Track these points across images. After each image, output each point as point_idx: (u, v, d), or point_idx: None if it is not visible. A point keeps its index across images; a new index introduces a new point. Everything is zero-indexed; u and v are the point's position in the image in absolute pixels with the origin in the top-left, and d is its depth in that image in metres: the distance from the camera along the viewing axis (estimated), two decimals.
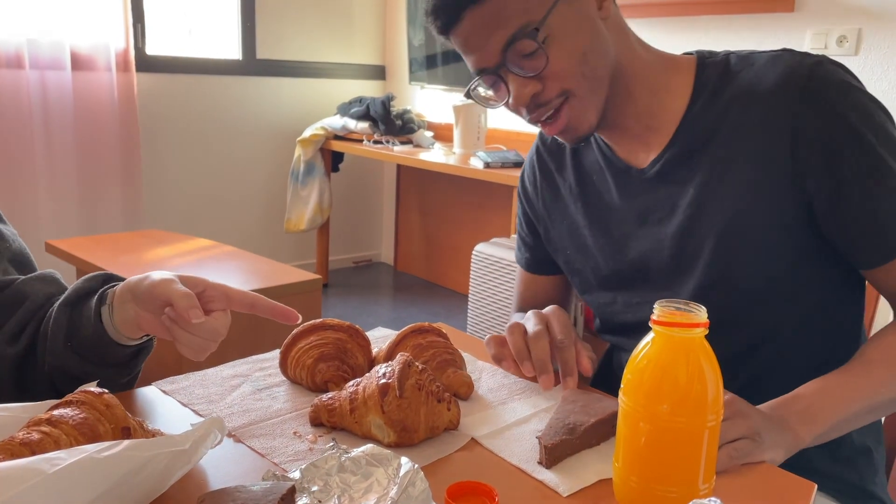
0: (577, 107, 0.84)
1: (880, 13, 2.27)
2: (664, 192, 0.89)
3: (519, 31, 0.79)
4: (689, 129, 0.87)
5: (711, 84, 0.86)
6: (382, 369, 0.74)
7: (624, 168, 0.92)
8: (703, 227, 0.85)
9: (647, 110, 0.88)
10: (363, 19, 3.99)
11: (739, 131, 0.83)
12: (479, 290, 2.68)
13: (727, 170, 0.84)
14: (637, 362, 0.63)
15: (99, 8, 3.04)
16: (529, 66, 0.81)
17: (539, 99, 0.83)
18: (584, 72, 0.82)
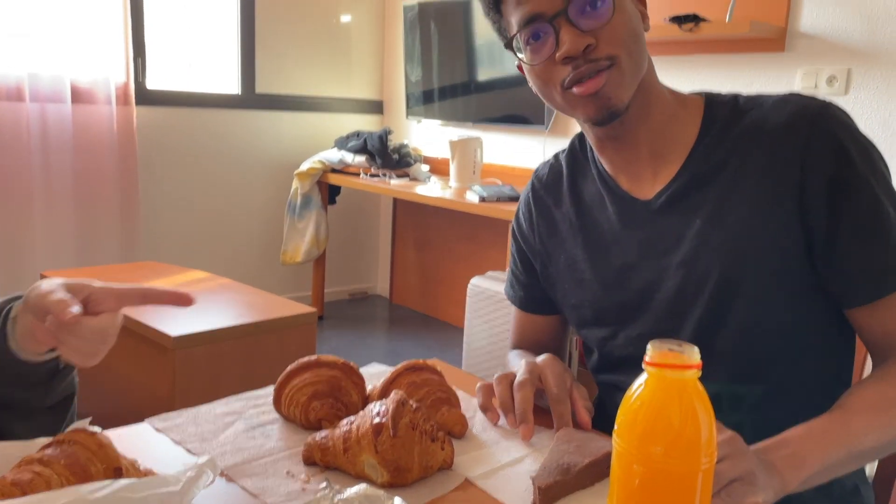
0: (618, 77, 0.83)
1: (869, 54, 2.32)
2: (670, 223, 0.90)
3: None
4: (698, 161, 0.88)
5: (721, 120, 0.89)
6: (376, 408, 0.74)
7: (628, 199, 0.93)
8: (709, 258, 0.86)
9: (659, 133, 0.90)
10: (361, 55, 4.04)
11: (747, 165, 0.85)
12: (474, 323, 2.68)
13: (734, 202, 0.85)
14: (630, 403, 0.63)
15: (100, 43, 3.08)
16: (590, 20, 0.81)
17: (590, 55, 0.82)
18: (632, 49, 0.83)
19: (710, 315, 0.87)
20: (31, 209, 3.02)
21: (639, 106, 0.87)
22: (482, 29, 3.42)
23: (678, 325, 0.89)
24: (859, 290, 0.83)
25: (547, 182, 1.04)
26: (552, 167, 1.05)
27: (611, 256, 0.95)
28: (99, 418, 2.23)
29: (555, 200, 1.02)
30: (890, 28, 2.27)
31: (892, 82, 2.28)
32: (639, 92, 0.86)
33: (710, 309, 0.87)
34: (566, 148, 1.05)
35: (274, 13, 3.65)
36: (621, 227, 0.94)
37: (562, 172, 1.03)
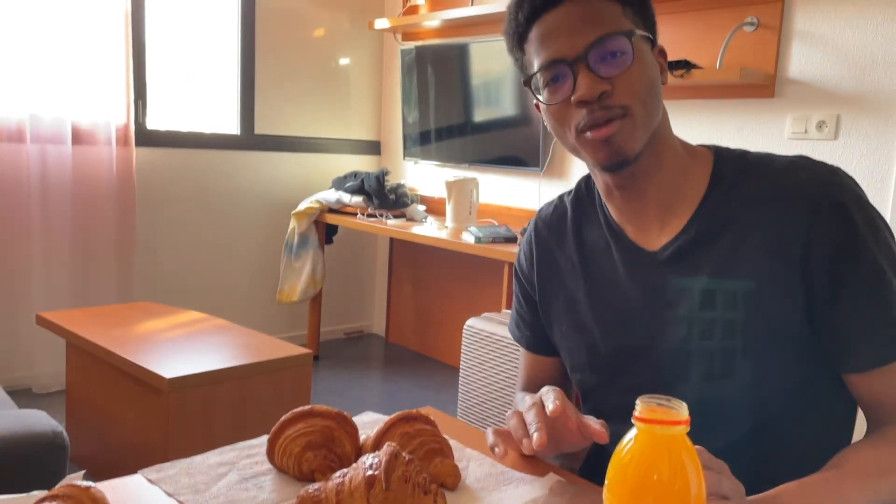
0: (630, 127, 0.85)
1: (858, 99, 2.36)
2: (675, 277, 0.90)
3: (616, 31, 0.83)
4: (705, 217, 0.89)
5: (730, 176, 0.90)
6: (369, 460, 0.74)
7: (634, 248, 0.94)
8: (713, 314, 0.87)
9: (668, 186, 0.91)
10: (359, 97, 4.10)
11: (755, 226, 0.86)
12: (470, 364, 2.67)
13: (740, 261, 0.86)
14: (620, 458, 0.63)
15: (102, 84, 3.12)
16: (608, 67, 0.84)
17: (605, 101, 0.84)
18: (646, 101, 0.85)
19: (709, 371, 0.88)
20: (29, 250, 3.03)
21: (650, 157, 0.89)
22: (478, 71, 3.48)
23: (676, 380, 0.90)
24: (857, 357, 0.84)
25: (550, 223, 1.05)
26: (556, 208, 1.06)
27: (612, 303, 0.95)
28: (92, 459, 2.22)
29: (558, 242, 1.03)
30: (877, 75, 2.31)
31: (881, 128, 2.32)
32: (651, 143, 0.88)
33: (711, 365, 0.87)
34: (571, 190, 1.06)
35: (274, 55, 3.72)
36: (626, 276, 0.94)
37: (566, 214, 1.03)
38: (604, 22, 0.84)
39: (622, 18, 0.85)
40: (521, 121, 3.30)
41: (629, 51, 0.83)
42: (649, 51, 0.87)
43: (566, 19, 0.84)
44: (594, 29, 0.83)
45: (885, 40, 2.28)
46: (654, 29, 0.90)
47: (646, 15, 0.88)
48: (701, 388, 0.88)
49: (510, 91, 3.34)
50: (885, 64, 2.30)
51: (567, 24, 0.84)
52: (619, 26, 0.84)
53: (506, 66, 3.32)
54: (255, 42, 3.64)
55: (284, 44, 3.75)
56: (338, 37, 3.96)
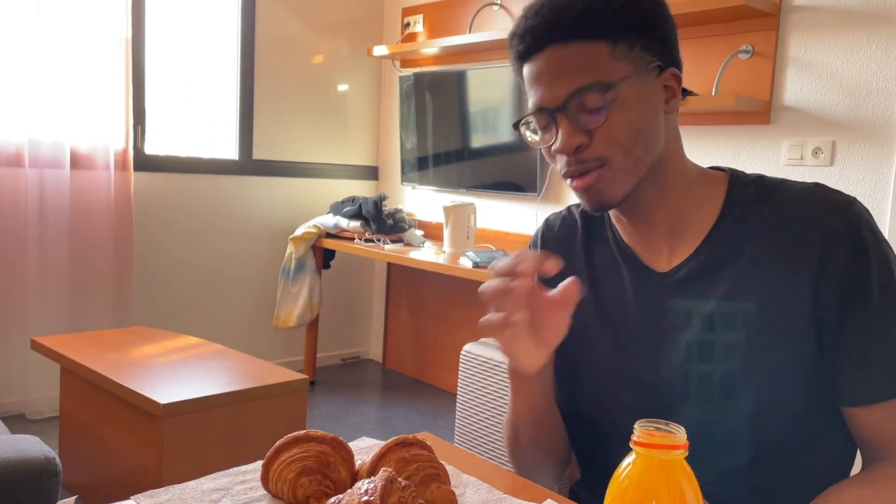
0: (609, 177, 0.85)
1: (853, 126, 2.38)
2: (683, 300, 0.90)
3: (591, 85, 0.82)
4: (716, 241, 0.89)
5: (744, 202, 0.89)
6: (364, 486, 0.73)
7: (643, 269, 0.94)
8: (719, 339, 0.87)
9: (676, 212, 0.91)
10: (358, 122, 4.13)
11: (766, 252, 0.86)
12: (467, 390, 2.66)
13: (749, 286, 0.86)
14: (619, 483, 0.63)
15: (101, 110, 3.14)
16: (587, 119, 0.84)
17: (581, 154, 0.85)
18: (630, 147, 0.85)
19: (710, 396, 0.87)
20: (25, 274, 3.03)
21: (652, 185, 0.89)
22: (476, 98, 3.51)
23: (676, 403, 0.89)
24: (858, 390, 0.83)
25: (558, 234, 1.04)
26: (565, 219, 1.05)
27: (620, 322, 0.95)
28: (85, 486, 2.20)
29: (566, 253, 1.01)
30: (872, 102, 2.33)
31: (877, 154, 2.34)
32: (655, 173, 0.88)
33: (712, 390, 0.87)
34: (579, 203, 1.05)
35: (273, 81, 3.74)
36: (634, 296, 0.94)
37: (576, 227, 1.03)
38: (584, 70, 0.83)
39: (608, 62, 0.83)
40: (518, 147, 3.32)
41: (604, 104, 0.82)
42: (640, 86, 0.85)
43: (550, 64, 0.85)
44: (574, 78, 0.83)
45: (880, 67, 2.31)
46: (667, 51, 0.88)
47: (650, 41, 0.86)
48: (702, 412, 0.87)
49: (507, 117, 3.36)
50: (879, 91, 2.32)
51: (550, 70, 0.85)
52: (600, 75, 0.82)
53: (503, 92, 3.35)
54: (254, 68, 3.67)
55: (283, 70, 3.78)
56: (337, 63, 3.99)
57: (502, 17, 3.46)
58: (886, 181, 2.33)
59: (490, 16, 3.51)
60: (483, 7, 3.50)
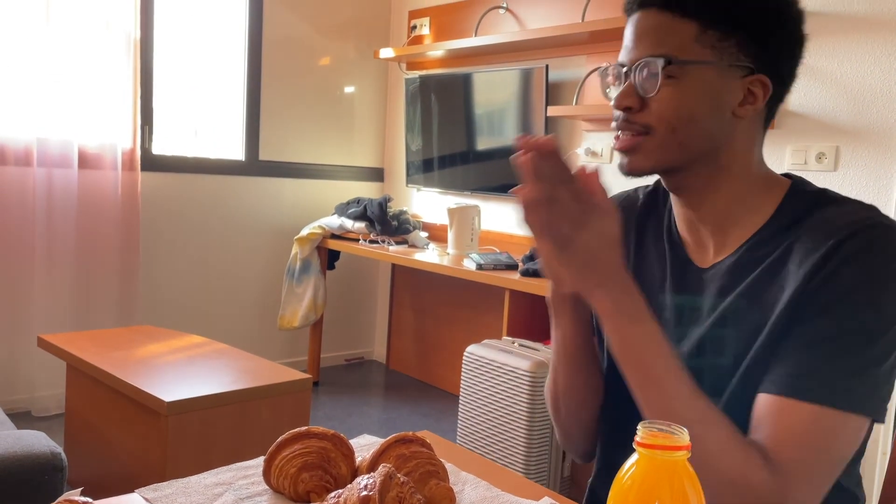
0: (648, 147, 0.87)
1: (857, 132, 2.38)
2: (710, 296, 0.91)
3: (658, 55, 0.84)
4: (756, 245, 0.89)
5: (794, 211, 0.88)
6: (364, 481, 0.75)
7: (686, 261, 0.95)
8: (725, 335, 0.87)
9: (724, 211, 0.91)
10: (363, 124, 4.15)
11: (791, 254, 0.84)
12: (469, 391, 2.67)
13: (768, 288, 0.85)
14: (622, 484, 0.63)
15: (109, 109, 3.16)
16: (643, 84, 0.86)
17: (629, 116, 0.87)
18: (676, 128, 0.85)
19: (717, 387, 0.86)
20: (32, 272, 3.05)
21: (704, 179, 0.89)
22: (481, 100, 3.52)
23: None
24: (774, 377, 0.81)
25: (622, 211, 1.03)
26: (628, 197, 1.06)
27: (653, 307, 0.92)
28: (90, 483, 2.21)
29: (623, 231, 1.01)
30: (876, 107, 2.34)
31: (880, 159, 2.34)
32: (708, 168, 0.88)
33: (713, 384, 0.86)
34: (649, 186, 1.06)
35: (280, 83, 3.77)
36: (670, 284, 0.95)
37: (636, 205, 1.04)
38: (663, 42, 0.85)
39: (689, 42, 0.84)
40: None
41: (659, 77, 0.84)
42: (713, 78, 0.85)
43: (640, 26, 0.88)
44: (651, 46, 0.85)
45: (884, 73, 2.31)
46: (768, 58, 0.86)
47: (749, 41, 0.84)
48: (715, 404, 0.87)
49: (513, 120, 3.37)
50: (883, 96, 2.32)
51: (637, 31, 0.88)
52: (673, 51, 0.84)
53: (508, 95, 3.36)
54: (261, 69, 3.70)
55: (290, 71, 3.80)
56: (343, 65, 4.01)
57: (508, 20, 3.47)
58: (890, 186, 2.33)
59: (496, 19, 3.52)
60: (489, 10, 3.52)
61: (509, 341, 2.68)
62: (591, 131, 3.17)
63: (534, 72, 3.20)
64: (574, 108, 3.09)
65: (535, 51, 3.33)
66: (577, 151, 3.20)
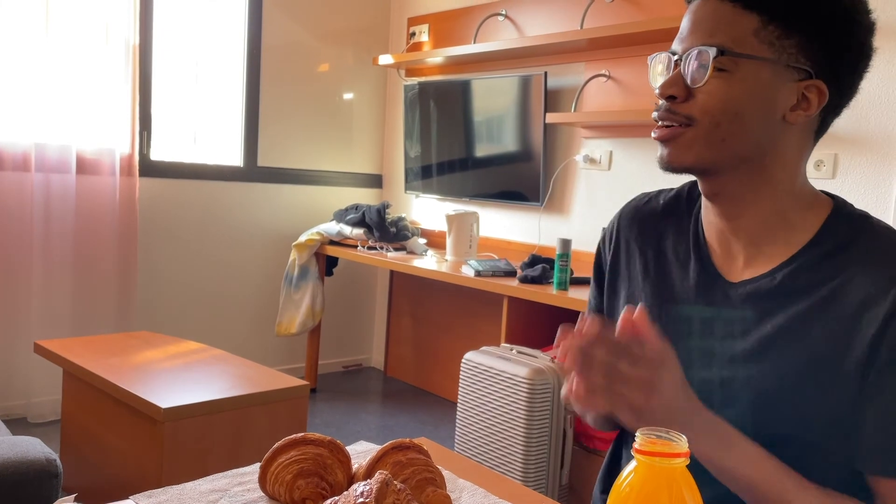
0: (688, 140, 0.83)
1: (855, 140, 2.39)
2: (743, 315, 0.86)
3: (710, 45, 0.81)
4: (797, 268, 0.84)
5: (839, 236, 0.84)
6: (360, 488, 0.74)
7: (714, 272, 0.90)
8: (761, 369, 0.83)
9: (764, 224, 0.86)
10: (362, 131, 4.15)
11: (841, 298, 0.80)
12: (467, 398, 2.66)
13: (813, 328, 0.81)
14: (621, 490, 0.63)
15: (107, 115, 3.16)
16: (692, 73, 0.82)
17: (672, 106, 0.84)
18: (720, 122, 0.81)
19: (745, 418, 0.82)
20: (29, 278, 3.04)
21: (745, 185, 0.85)
22: (480, 107, 3.53)
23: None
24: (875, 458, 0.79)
25: (637, 213, 1.02)
26: (650, 201, 1.02)
27: (672, 316, 0.92)
28: (85, 489, 2.20)
29: (638, 233, 1.00)
30: (875, 115, 2.34)
31: (878, 167, 2.34)
32: (750, 172, 0.84)
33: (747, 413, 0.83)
34: (671, 190, 1.02)
35: (278, 89, 3.77)
36: (695, 295, 0.91)
37: (656, 212, 1.00)
38: (720, 32, 0.81)
39: (747, 36, 0.80)
40: (521, 156, 3.33)
41: (711, 66, 0.80)
42: (767, 77, 0.80)
43: (699, 14, 0.84)
44: (706, 35, 0.82)
45: (882, 81, 2.32)
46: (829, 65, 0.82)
47: (811, 44, 0.80)
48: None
49: (511, 127, 3.38)
50: (882, 104, 2.33)
51: (696, 18, 0.84)
52: (729, 42, 0.80)
53: (507, 102, 3.36)
54: (260, 75, 3.70)
55: (289, 78, 3.81)
56: (342, 72, 4.02)
57: (507, 27, 3.48)
58: (888, 194, 2.33)
59: (495, 26, 3.53)
60: (488, 17, 3.53)
61: (507, 348, 2.67)
62: (589, 138, 3.17)
63: (532, 79, 3.20)
64: (573, 115, 3.10)
65: (534, 58, 3.33)
66: (575, 159, 3.20)
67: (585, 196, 3.19)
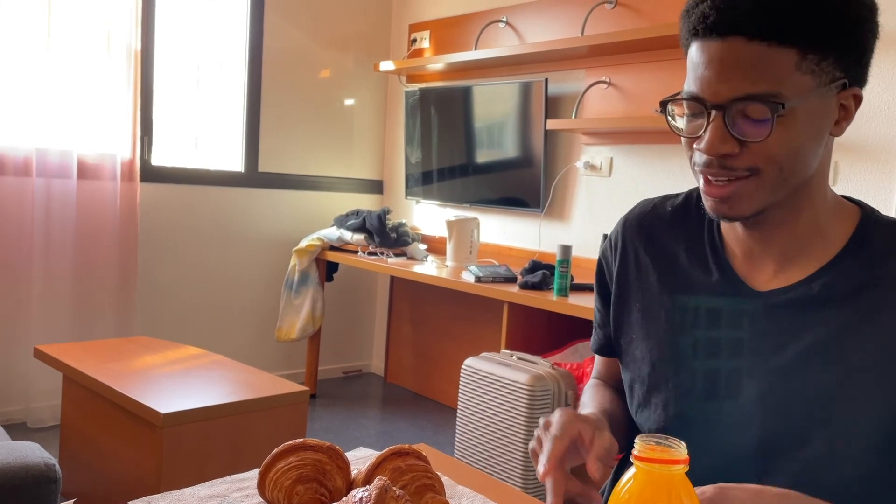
0: (753, 188, 0.78)
1: (855, 146, 2.39)
2: (776, 326, 0.83)
3: (763, 95, 0.73)
4: (834, 276, 0.82)
5: (874, 244, 0.82)
6: (359, 494, 0.74)
7: (738, 282, 0.87)
8: (801, 384, 0.80)
9: (799, 240, 0.84)
10: (363, 137, 4.15)
11: (885, 308, 0.78)
12: (467, 404, 2.65)
13: (857, 340, 0.79)
14: (620, 497, 0.63)
15: (109, 120, 3.17)
16: (746, 129, 0.75)
17: (727, 162, 0.77)
18: (783, 165, 0.77)
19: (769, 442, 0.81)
20: (29, 283, 3.04)
21: (783, 212, 0.82)
22: (481, 113, 3.53)
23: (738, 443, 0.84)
24: None
25: (643, 220, 0.98)
26: (655, 208, 0.98)
27: (697, 329, 0.88)
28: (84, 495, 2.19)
29: (646, 242, 0.96)
30: (875, 122, 2.35)
31: (879, 174, 2.35)
32: (789, 198, 0.80)
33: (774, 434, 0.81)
34: (678, 196, 0.98)
35: (279, 95, 3.78)
36: (722, 307, 0.87)
37: (664, 218, 0.96)
38: (762, 77, 0.73)
39: (790, 73, 0.74)
40: (522, 162, 3.33)
41: (771, 120, 0.73)
42: (817, 104, 0.76)
43: (726, 57, 0.74)
44: (747, 82, 0.74)
45: (882, 88, 2.32)
46: (859, 67, 0.79)
47: (844, 55, 0.77)
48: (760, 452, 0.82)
49: (512, 133, 3.38)
50: (882, 112, 2.33)
51: (723, 62, 0.75)
52: (776, 86, 0.73)
53: (508, 108, 3.37)
54: (261, 81, 3.71)
55: (290, 84, 3.81)
56: (343, 78, 4.03)
57: (508, 33, 3.49)
58: (888, 201, 2.33)
59: (496, 32, 3.54)
60: (489, 24, 3.54)
61: (507, 354, 2.67)
62: (590, 145, 3.18)
63: (533, 85, 3.21)
64: (573, 122, 3.10)
65: (535, 64, 3.34)
66: (576, 165, 3.21)
67: (586, 202, 3.19)
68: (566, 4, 3.22)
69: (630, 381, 0.96)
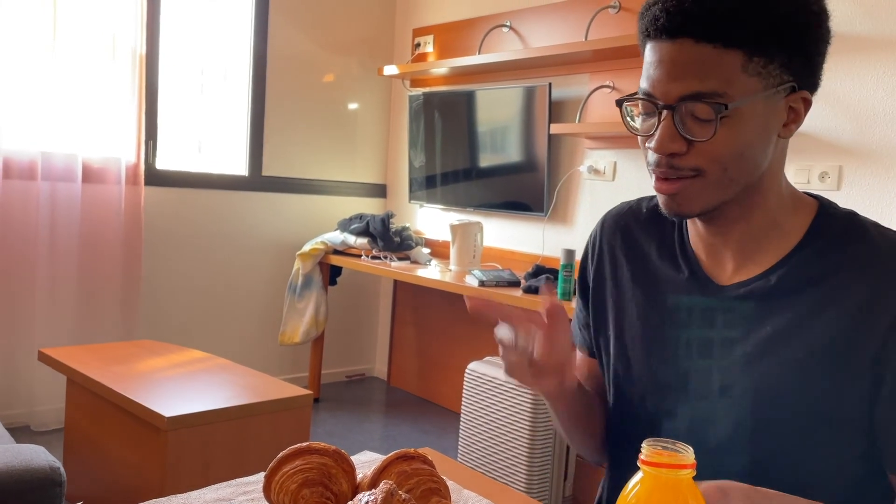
0: (699, 188, 0.81)
1: (860, 151, 2.39)
2: (738, 319, 0.86)
3: (709, 95, 0.76)
4: (791, 269, 0.84)
5: (829, 236, 0.84)
6: (365, 498, 0.74)
7: (705, 278, 0.90)
8: (763, 371, 0.83)
9: (755, 235, 0.86)
10: (367, 141, 4.16)
11: (841, 293, 0.81)
12: (471, 409, 2.65)
13: (814, 327, 0.81)
14: (627, 502, 0.63)
15: (113, 124, 3.18)
16: (693, 128, 0.78)
17: (674, 161, 0.80)
18: (728, 166, 0.79)
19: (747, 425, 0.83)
20: (34, 286, 3.05)
21: (736, 208, 0.85)
22: (484, 118, 3.53)
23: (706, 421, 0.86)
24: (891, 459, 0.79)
25: (619, 220, 1.01)
26: (632, 208, 1.01)
27: (667, 325, 0.91)
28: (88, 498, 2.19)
29: (623, 241, 0.99)
30: (880, 127, 2.34)
31: (883, 179, 2.34)
32: (746, 194, 0.83)
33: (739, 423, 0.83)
34: (654, 197, 0.98)
35: (284, 99, 3.78)
36: (687, 302, 0.90)
37: (639, 217, 0.99)
38: (709, 77, 0.76)
39: (736, 74, 0.76)
40: (526, 166, 3.33)
41: (716, 118, 0.76)
42: (763, 106, 0.79)
43: (675, 57, 0.77)
44: (694, 82, 0.77)
45: (886, 93, 2.32)
46: (808, 71, 0.81)
47: (792, 59, 0.79)
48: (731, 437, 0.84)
49: (516, 137, 3.38)
50: (886, 116, 2.33)
51: (672, 62, 0.78)
52: (722, 87, 0.76)
53: (511, 113, 3.37)
54: (265, 85, 3.72)
55: (294, 88, 3.82)
56: (347, 82, 4.03)
57: (512, 38, 3.49)
58: (893, 205, 2.33)
59: (499, 37, 3.55)
60: (493, 28, 3.54)
61: None
62: (593, 149, 3.18)
63: (537, 89, 3.21)
64: (577, 126, 3.10)
65: (539, 69, 3.34)
66: (579, 169, 3.21)
67: (589, 207, 3.19)
68: (570, 9, 3.23)
69: (608, 378, 1.00)
